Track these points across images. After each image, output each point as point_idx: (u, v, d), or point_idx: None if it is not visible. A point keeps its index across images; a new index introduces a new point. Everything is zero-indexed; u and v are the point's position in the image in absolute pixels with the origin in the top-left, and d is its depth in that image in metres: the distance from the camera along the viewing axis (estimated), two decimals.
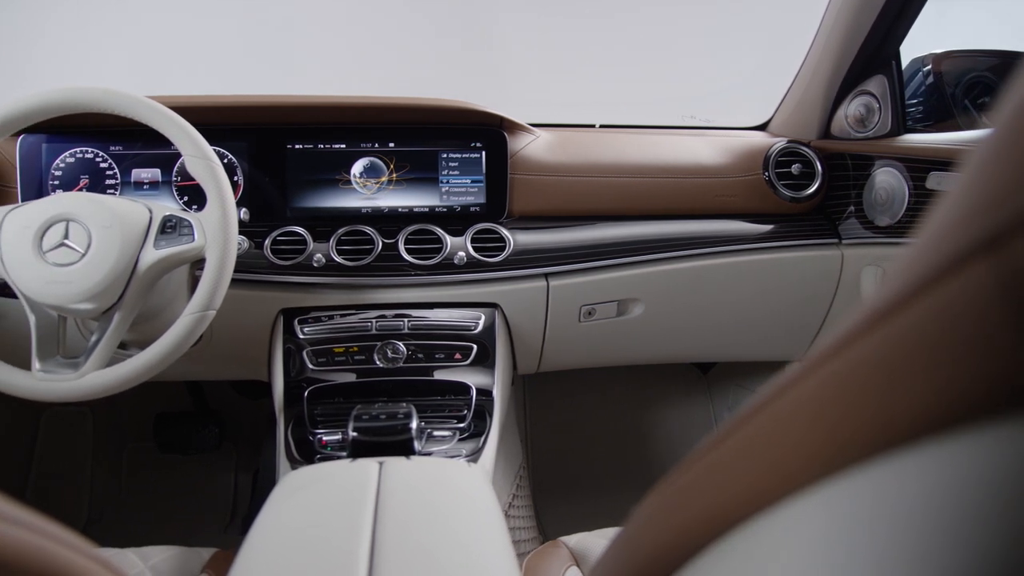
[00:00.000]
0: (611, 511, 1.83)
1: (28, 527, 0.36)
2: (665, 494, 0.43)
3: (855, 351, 0.27)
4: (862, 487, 0.26)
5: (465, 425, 1.21)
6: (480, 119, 1.39)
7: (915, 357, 0.24)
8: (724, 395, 1.97)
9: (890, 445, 0.25)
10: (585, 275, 1.38)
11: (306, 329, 1.30)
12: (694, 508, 0.38)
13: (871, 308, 0.26)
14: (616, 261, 1.39)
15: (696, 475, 0.39)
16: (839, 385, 0.27)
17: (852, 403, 0.27)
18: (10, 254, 1.03)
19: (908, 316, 0.24)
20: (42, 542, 0.37)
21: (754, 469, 0.33)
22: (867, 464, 0.26)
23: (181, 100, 1.20)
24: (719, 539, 0.36)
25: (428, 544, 0.70)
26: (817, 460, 0.29)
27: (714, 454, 0.37)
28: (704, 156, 1.48)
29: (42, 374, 1.06)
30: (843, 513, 0.27)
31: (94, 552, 0.42)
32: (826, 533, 0.28)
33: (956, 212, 0.24)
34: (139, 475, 1.91)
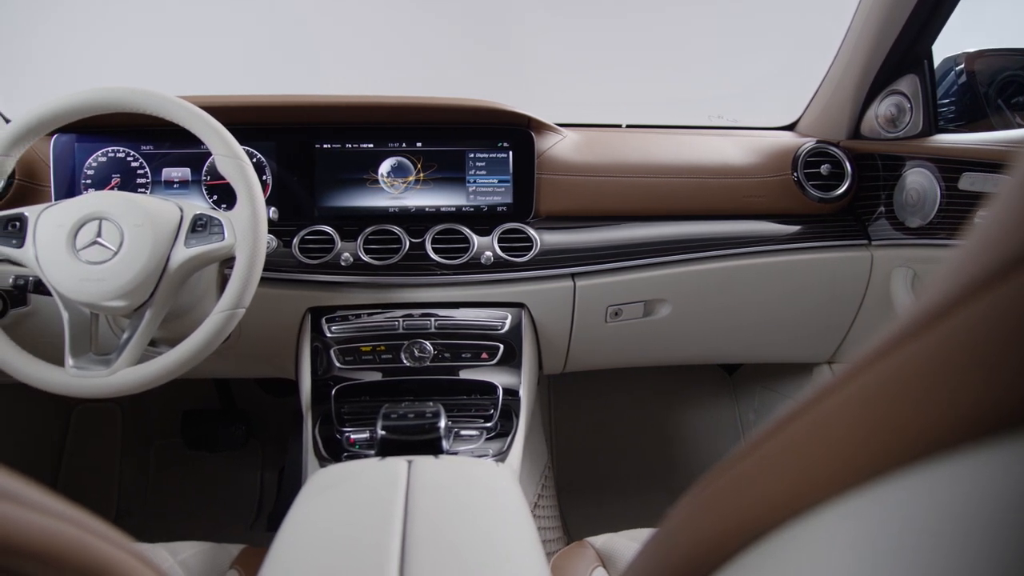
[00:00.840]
0: (635, 512, 1.84)
1: (70, 521, 0.37)
2: (701, 496, 0.42)
3: (896, 357, 0.26)
4: (899, 495, 0.26)
5: (492, 425, 1.21)
6: (507, 119, 1.39)
7: (957, 365, 0.24)
8: (750, 397, 1.95)
9: (928, 453, 0.25)
10: (612, 275, 1.38)
11: (333, 328, 1.31)
12: (731, 511, 0.38)
13: (913, 314, 0.26)
14: (643, 261, 1.39)
15: (733, 478, 0.39)
16: (881, 391, 0.27)
17: (892, 410, 0.26)
18: (44, 252, 1.04)
19: (952, 322, 0.24)
20: (84, 536, 0.38)
21: (792, 474, 0.33)
22: (904, 472, 0.26)
23: (211, 100, 1.21)
24: (754, 544, 0.35)
25: (458, 542, 0.70)
26: (855, 467, 0.28)
27: (752, 458, 0.37)
28: (732, 156, 1.47)
29: (75, 370, 1.07)
30: (880, 521, 0.27)
31: (132, 547, 0.42)
32: (862, 542, 0.28)
33: (1003, 219, 0.24)
34: (166, 471, 1.92)
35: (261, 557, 1.02)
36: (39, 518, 0.34)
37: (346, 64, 2.08)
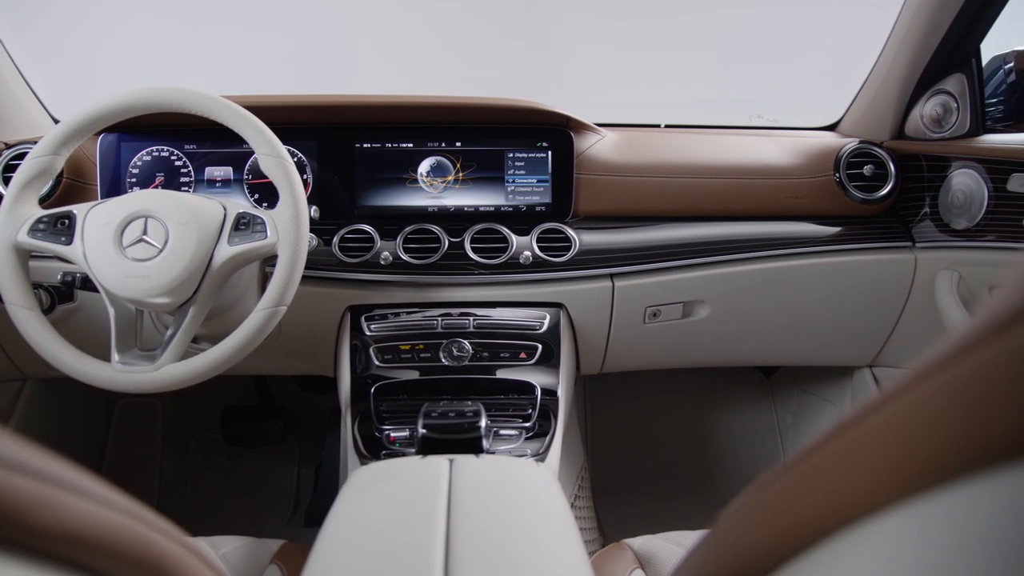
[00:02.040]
0: (671, 515, 1.83)
1: (129, 514, 0.37)
2: (754, 501, 0.42)
3: (960, 367, 0.26)
4: (947, 509, 0.26)
5: (530, 425, 1.21)
6: (546, 119, 1.39)
7: (1001, 386, 0.23)
8: (788, 400, 1.93)
9: (987, 464, 0.24)
10: (651, 276, 1.37)
11: (373, 326, 1.32)
12: (784, 517, 0.38)
13: (977, 325, 0.26)
14: (682, 262, 1.38)
15: (786, 484, 0.38)
16: (944, 399, 0.27)
17: (942, 425, 0.26)
18: (92, 249, 1.06)
19: (997, 346, 0.24)
20: (142, 529, 0.38)
21: (845, 484, 0.33)
22: (953, 486, 0.26)
23: (253, 99, 1.22)
24: (806, 551, 0.35)
25: (502, 542, 0.70)
26: (909, 479, 0.28)
27: (805, 465, 0.36)
28: (772, 157, 1.46)
29: (120, 365, 1.09)
30: (928, 535, 0.27)
31: (185, 540, 0.43)
32: (909, 555, 0.27)
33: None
34: (205, 465, 1.95)
35: (301, 553, 1.03)
36: (101, 510, 0.35)
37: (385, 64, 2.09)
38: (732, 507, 0.45)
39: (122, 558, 0.36)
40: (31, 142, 1.35)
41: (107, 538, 0.35)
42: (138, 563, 0.37)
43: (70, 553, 0.32)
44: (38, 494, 0.30)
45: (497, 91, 1.41)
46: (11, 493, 0.29)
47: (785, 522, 0.38)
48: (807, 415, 1.86)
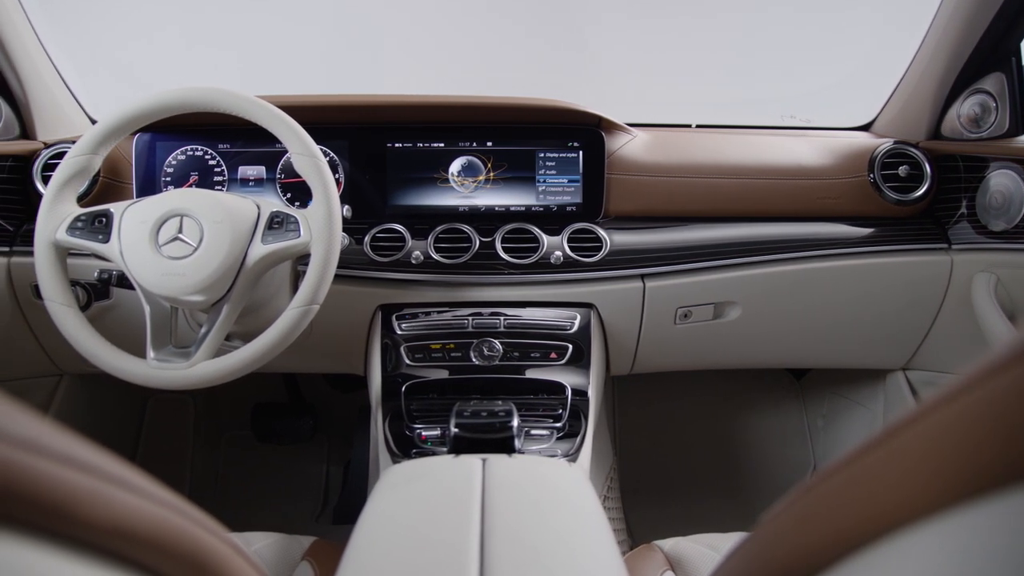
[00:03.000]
0: (698, 517, 1.82)
1: (175, 509, 0.37)
2: (801, 503, 0.42)
3: (1007, 377, 0.26)
4: (995, 518, 0.26)
5: (561, 425, 1.21)
6: (578, 119, 1.38)
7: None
8: (819, 403, 1.91)
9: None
10: (682, 277, 1.37)
11: (403, 325, 1.32)
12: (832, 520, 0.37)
13: (1020, 337, 0.26)
14: (714, 263, 1.37)
15: (836, 486, 0.38)
16: (993, 408, 0.27)
17: (1000, 430, 0.26)
18: (129, 247, 1.07)
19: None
20: (187, 524, 0.38)
21: (897, 487, 0.32)
22: (1009, 493, 0.25)
23: (286, 99, 1.23)
24: (855, 553, 0.35)
25: (537, 542, 0.70)
26: (961, 485, 0.28)
27: (855, 467, 0.36)
28: (805, 157, 1.44)
29: (156, 362, 1.10)
30: (974, 542, 0.26)
31: (228, 536, 0.43)
32: (961, 560, 0.27)
33: None
34: (235, 462, 1.97)
35: (332, 549, 1.04)
36: (149, 505, 0.35)
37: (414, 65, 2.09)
38: (775, 510, 0.44)
39: (168, 553, 0.36)
40: (69, 142, 1.38)
41: (155, 533, 0.35)
42: (183, 558, 0.37)
43: (119, 547, 0.33)
44: (90, 488, 0.31)
45: (526, 91, 1.41)
46: (64, 487, 0.29)
47: (830, 526, 0.37)
48: (838, 418, 1.84)
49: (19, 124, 1.42)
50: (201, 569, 0.39)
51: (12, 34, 1.33)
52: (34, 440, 0.29)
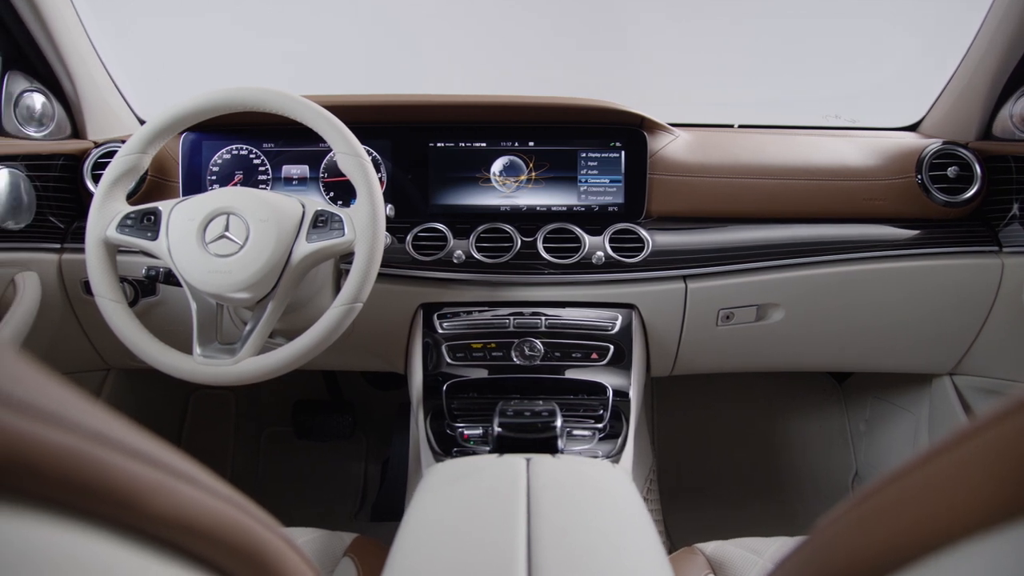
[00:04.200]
0: (740, 520, 1.81)
1: (234, 504, 0.38)
2: (862, 509, 0.41)
3: None
4: None
5: (602, 426, 1.20)
6: (620, 119, 1.38)
7: None
8: (861, 407, 1.88)
9: None
10: (724, 278, 1.35)
11: (445, 324, 1.32)
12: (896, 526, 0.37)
13: None
14: (756, 264, 1.36)
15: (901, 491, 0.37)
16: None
17: None
18: (176, 245, 1.09)
19: None
20: (245, 519, 0.39)
21: (965, 494, 0.31)
22: None
23: (330, 99, 1.24)
24: (919, 560, 0.34)
25: (583, 543, 0.70)
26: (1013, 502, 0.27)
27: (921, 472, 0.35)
28: (850, 157, 1.42)
29: (202, 358, 1.12)
30: None
31: (283, 532, 0.43)
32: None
33: None
34: (275, 458, 1.99)
35: (374, 546, 1.05)
36: (211, 499, 0.35)
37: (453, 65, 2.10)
38: (831, 515, 0.44)
39: (227, 547, 0.36)
40: (118, 141, 1.40)
41: (215, 527, 0.35)
42: (241, 552, 0.38)
43: (181, 540, 0.33)
44: (156, 482, 0.31)
45: (566, 92, 1.40)
46: (132, 480, 0.30)
47: (890, 534, 0.37)
48: (881, 423, 1.81)
49: (71, 124, 1.45)
50: (257, 564, 0.39)
51: (66, 37, 1.36)
52: (105, 433, 0.29)
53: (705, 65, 1.97)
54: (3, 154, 1.28)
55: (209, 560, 0.36)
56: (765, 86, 1.92)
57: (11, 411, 0.24)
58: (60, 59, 1.37)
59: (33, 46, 1.34)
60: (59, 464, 0.26)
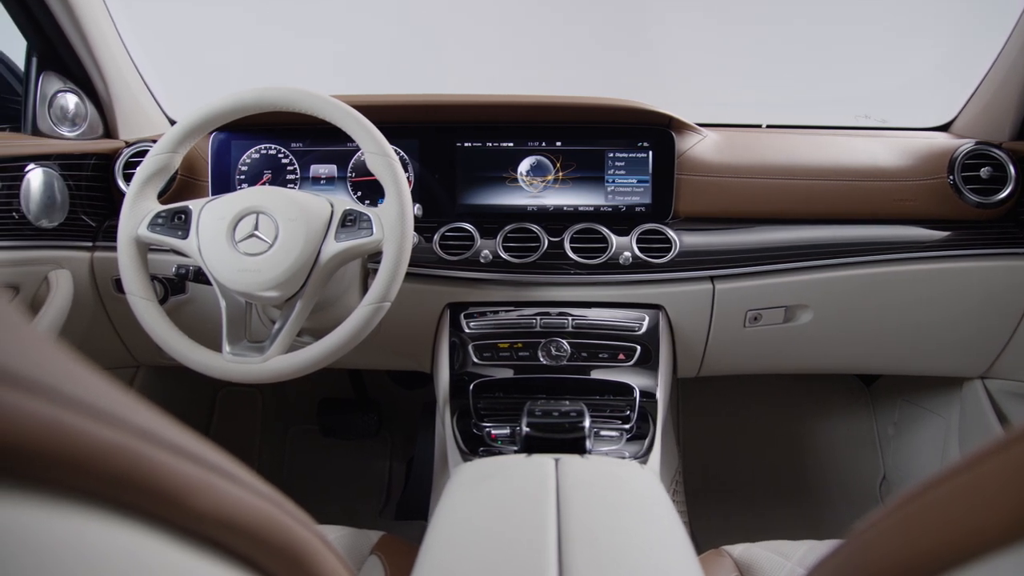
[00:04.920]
0: (766, 523, 1.79)
1: (272, 501, 0.38)
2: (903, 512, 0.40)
3: None
4: None
5: (629, 426, 1.20)
6: (648, 119, 1.37)
7: None
8: (890, 410, 1.86)
9: None
10: (752, 279, 1.35)
11: (471, 324, 1.33)
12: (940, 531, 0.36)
13: None
14: (785, 265, 1.34)
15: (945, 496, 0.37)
16: None
17: None
18: (207, 243, 1.10)
19: None
20: (283, 516, 0.39)
21: (1016, 497, 0.31)
22: None
23: (358, 99, 1.24)
24: (964, 565, 0.34)
25: (614, 544, 0.70)
26: None
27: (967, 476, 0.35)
28: (880, 158, 1.41)
29: (231, 356, 1.13)
30: None
31: (318, 530, 0.44)
32: None
33: None
34: (300, 455, 2.00)
35: (401, 545, 1.05)
36: (252, 497, 0.36)
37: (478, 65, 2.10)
38: (870, 520, 0.43)
39: (266, 544, 0.37)
40: (149, 140, 1.42)
41: (256, 525, 0.35)
42: (279, 550, 0.38)
43: (222, 537, 0.33)
44: (201, 479, 0.31)
45: (592, 91, 1.40)
46: (177, 477, 0.30)
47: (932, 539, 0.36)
48: (910, 427, 1.79)
49: (103, 124, 1.47)
50: (294, 561, 0.39)
51: (99, 38, 1.38)
52: (152, 430, 0.29)
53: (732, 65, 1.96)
54: (38, 153, 1.29)
55: (248, 557, 0.36)
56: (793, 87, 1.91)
57: (62, 407, 0.24)
58: (93, 60, 1.39)
59: (67, 47, 1.36)
60: (109, 460, 0.26)
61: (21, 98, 1.41)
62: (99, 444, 0.26)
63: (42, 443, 0.23)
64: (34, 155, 1.29)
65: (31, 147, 1.32)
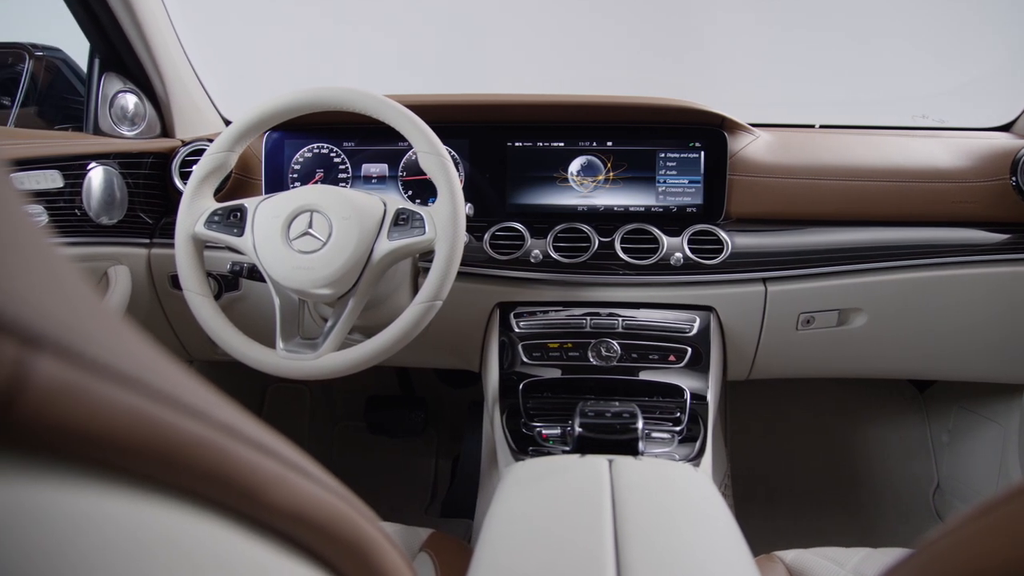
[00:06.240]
0: (813, 529, 1.77)
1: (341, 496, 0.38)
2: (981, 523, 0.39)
3: None
4: None
5: (680, 429, 1.19)
6: (700, 118, 1.36)
7: None
8: (944, 417, 1.82)
9: None
10: (805, 281, 1.32)
11: (521, 323, 1.33)
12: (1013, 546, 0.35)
13: None
14: (839, 268, 1.32)
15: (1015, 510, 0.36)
16: None
17: None
18: (261, 241, 1.11)
19: None
20: (351, 512, 0.39)
21: None
22: None
23: (410, 99, 1.25)
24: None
25: (671, 546, 0.69)
26: None
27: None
28: (938, 158, 1.38)
29: (285, 352, 1.14)
30: None
31: (382, 526, 0.44)
32: None
33: None
34: (347, 452, 2.02)
35: (450, 542, 1.05)
36: (323, 492, 0.36)
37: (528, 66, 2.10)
38: (944, 528, 0.42)
39: (335, 539, 0.37)
40: (204, 140, 1.44)
41: (326, 519, 0.36)
42: (346, 545, 0.38)
43: (293, 531, 0.34)
44: (276, 474, 0.32)
45: (641, 91, 1.39)
46: (256, 472, 0.30)
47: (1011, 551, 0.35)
48: (966, 434, 1.74)
49: (160, 123, 1.50)
50: (360, 558, 0.40)
51: (158, 40, 1.41)
52: (233, 425, 0.30)
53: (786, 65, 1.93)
54: (99, 152, 1.32)
55: (316, 551, 0.36)
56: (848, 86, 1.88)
57: (155, 402, 0.24)
58: (152, 61, 1.42)
59: (128, 50, 1.39)
60: (196, 455, 0.26)
61: (84, 99, 1.44)
62: (188, 439, 0.26)
63: (137, 437, 0.24)
64: (96, 153, 1.32)
65: (93, 146, 1.35)
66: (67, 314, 0.23)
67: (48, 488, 0.21)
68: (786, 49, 1.93)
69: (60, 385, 0.21)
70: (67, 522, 0.22)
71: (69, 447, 0.22)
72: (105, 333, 0.25)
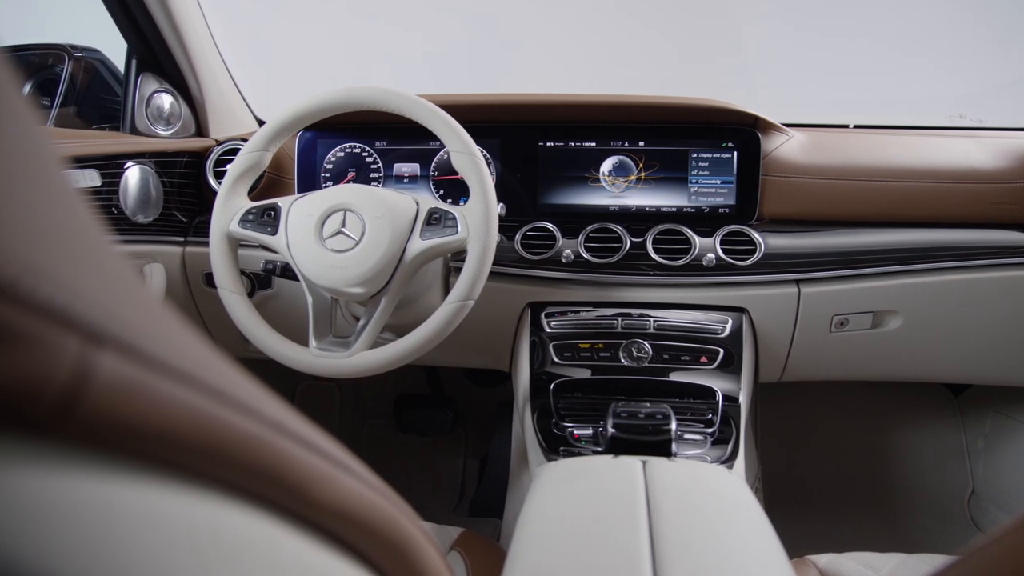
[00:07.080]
0: (844, 534, 1.75)
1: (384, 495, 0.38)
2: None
3: None
4: None
5: (712, 430, 1.18)
6: (733, 118, 1.35)
7: None
8: (980, 422, 1.79)
9: None
10: (840, 283, 1.31)
11: (552, 323, 1.32)
12: None
13: None
14: (874, 270, 1.31)
15: None
16: None
17: None
18: (295, 240, 1.12)
19: None
20: (393, 510, 0.39)
21: None
22: None
23: (442, 98, 1.25)
24: None
25: (707, 548, 0.69)
26: None
27: None
28: (977, 159, 1.36)
29: (317, 351, 1.15)
30: None
31: (422, 525, 0.44)
32: None
33: None
34: (376, 450, 2.03)
35: (480, 542, 1.05)
36: (366, 490, 0.36)
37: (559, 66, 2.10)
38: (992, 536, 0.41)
39: (376, 536, 0.37)
40: (238, 139, 1.46)
41: (368, 516, 0.36)
42: (388, 543, 0.38)
43: (336, 527, 0.34)
44: (322, 471, 0.32)
45: (674, 91, 1.38)
46: (303, 469, 0.30)
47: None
48: (1003, 440, 1.72)
49: (195, 123, 1.52)
50: (401, 556, 0.40)
51: (194, 41, 1.43)
52: (282, 422, 0.30)
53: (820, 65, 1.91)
54: (136, 151, 1.34)
55: (359, 548, 0.36)
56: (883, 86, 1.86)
57: (208, 398, 0.25)
58: (188, 62, 1.43)
59: (165, 51, 1.41)
60: (247, 451, 0.27)
61: (120, 99, 1.46)
62: (241, 435, 0.26)
63: (194, 433, 0.24)
64: (132, 152, 1.33)
65: (130, 145, 1.37)
66: (126, 311, 0.23)
67: (108, 483, 0.22)
68: (820, 50, 1.91)
69: (121, 381, 0.21)
70: (125, 517, 0.22)
71: (128, 443, 0.22)
72: (162, 330, 0.26)
